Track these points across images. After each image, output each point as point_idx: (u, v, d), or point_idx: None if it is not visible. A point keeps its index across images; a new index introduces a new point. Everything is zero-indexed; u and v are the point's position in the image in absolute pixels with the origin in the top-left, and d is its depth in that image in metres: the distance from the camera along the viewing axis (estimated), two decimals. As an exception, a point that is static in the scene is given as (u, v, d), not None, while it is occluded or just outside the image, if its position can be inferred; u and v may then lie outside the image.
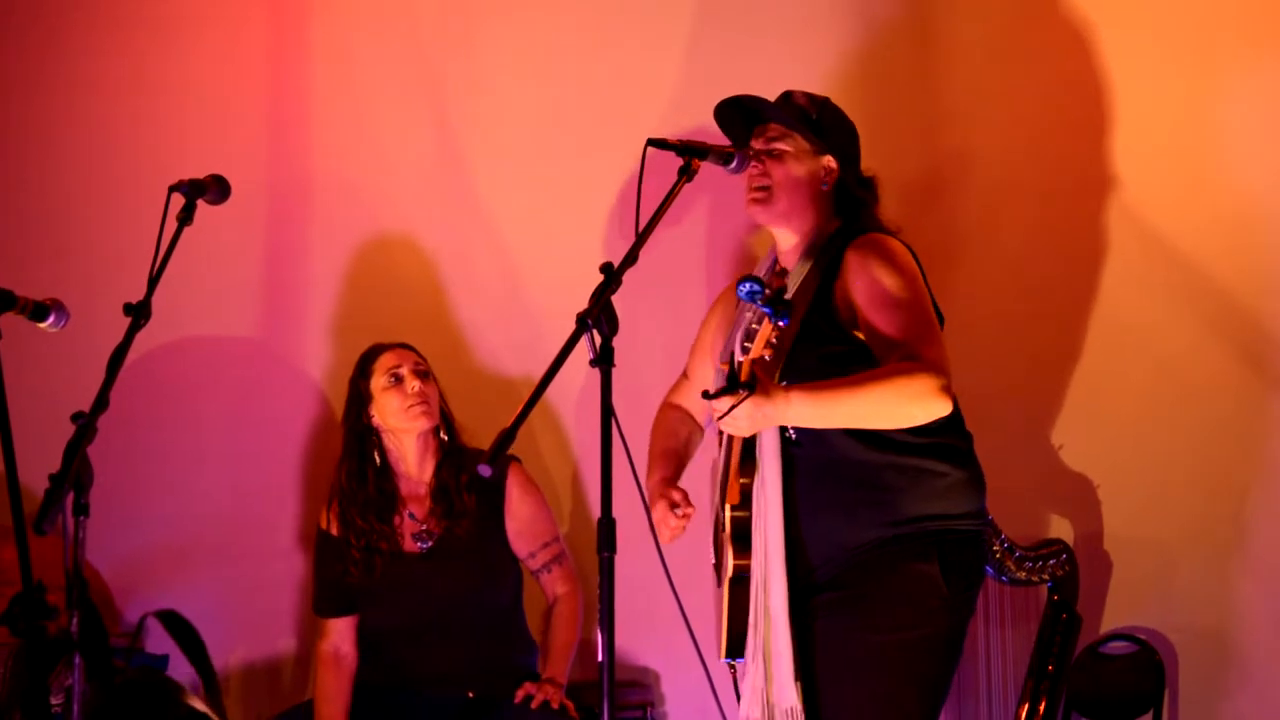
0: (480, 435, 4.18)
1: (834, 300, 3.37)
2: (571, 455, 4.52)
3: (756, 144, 3.49)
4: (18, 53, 4.57)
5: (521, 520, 4.15)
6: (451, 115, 4.55)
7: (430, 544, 4.08)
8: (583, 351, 3.00)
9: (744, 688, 3.37)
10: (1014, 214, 4.37)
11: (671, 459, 3.65)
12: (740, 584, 3.38)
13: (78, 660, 3.03)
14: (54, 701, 3.40)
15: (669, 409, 3.79)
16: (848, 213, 3.50)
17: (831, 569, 3.33)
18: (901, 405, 3.20)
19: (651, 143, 3.27)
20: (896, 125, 4.34)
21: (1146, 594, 4.27)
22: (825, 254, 3.42)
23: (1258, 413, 4.24)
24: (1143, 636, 4.24)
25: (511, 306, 4.52)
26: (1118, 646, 4.26)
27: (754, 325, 3.19)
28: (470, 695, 4.01)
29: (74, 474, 2.94)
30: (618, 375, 3.01)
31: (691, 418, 3.77)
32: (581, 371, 3.11)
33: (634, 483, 3.09)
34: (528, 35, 4.55)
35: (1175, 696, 4.25)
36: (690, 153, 3.27)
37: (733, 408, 3.10)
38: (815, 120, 3.49)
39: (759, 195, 3.46)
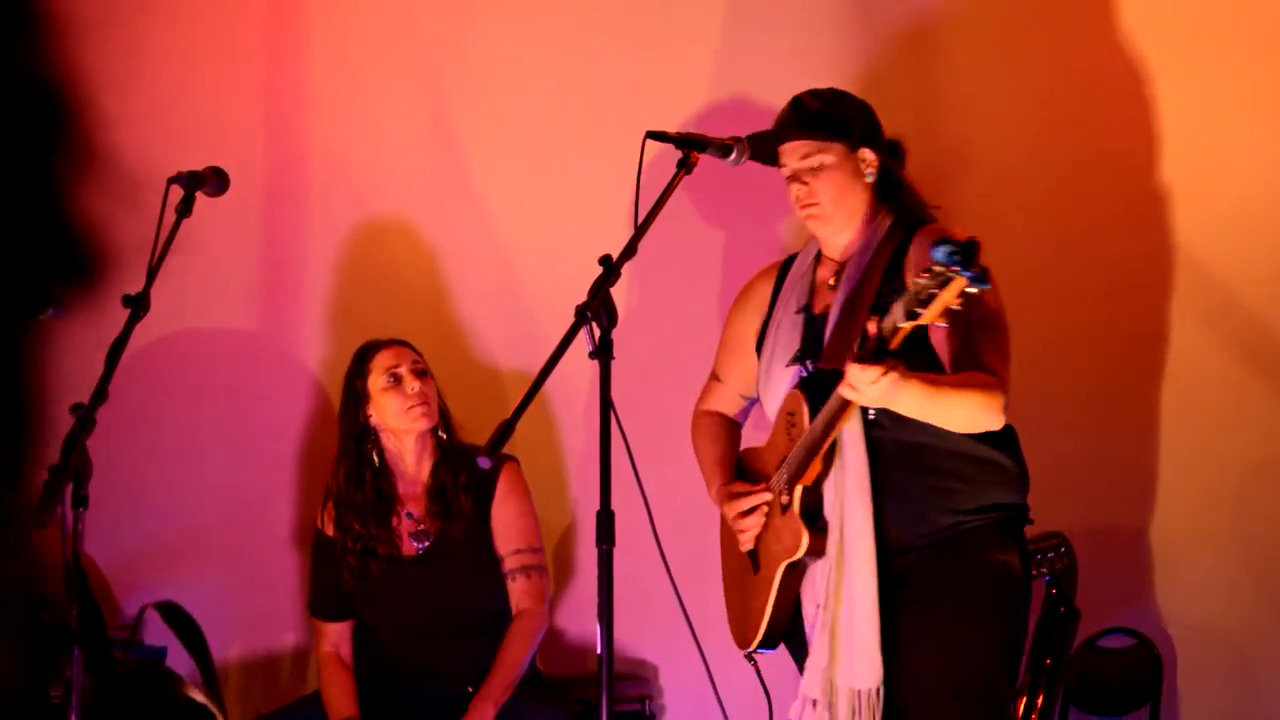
0: (474, 429, 4.16)
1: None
2: (571, 448, 4.51)
3: (790, 162, 3.41)
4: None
5: (501, 520, 4.07)
6: (449, 109, 4.55)
7: (427, 544, 4.05)
8: (581, 344, 3.00)
9: (806, 666, 3.31)
10: (1015, 210, 4.36)
11: (727, 466, 3.59)
12: (795, 571, 3.30)
13: (76, 652, 3.03)
14: (52, 693, 3.39)
15: (706, 416, 3.70)
16: (893, 195, 3.45)
17: (909, 554, 3.29)
18: (978, 414, 3.20)
19: (650, 135, 3.25)
20: (895, 120, 4.32)
21: (1145, 588, 4.28)
22: (886, 245, 3.37)
23: (1257, 407, 4.23)
24: (1141, 631, 4.24)
25: (509, 299, 4.51)
26: (1116, 641, 4.26)
27: (933, 290, 2.84)
28: (470, 690, 3.98)
29: (73, 466, 2.94)
30: (616, 368, 3.02)
31: (732, 421, 3.68)
32: (581, 364, 3.11)
33: (633, 475, 3.09)
34: (527, 26, 4.54)
35: (1173, 691, 4.25)
36: (689, 145, 3.26)
37: (880, 376, 2.97)
38: (836, 120, 3.44)
39: (813, 212, 3.40)
